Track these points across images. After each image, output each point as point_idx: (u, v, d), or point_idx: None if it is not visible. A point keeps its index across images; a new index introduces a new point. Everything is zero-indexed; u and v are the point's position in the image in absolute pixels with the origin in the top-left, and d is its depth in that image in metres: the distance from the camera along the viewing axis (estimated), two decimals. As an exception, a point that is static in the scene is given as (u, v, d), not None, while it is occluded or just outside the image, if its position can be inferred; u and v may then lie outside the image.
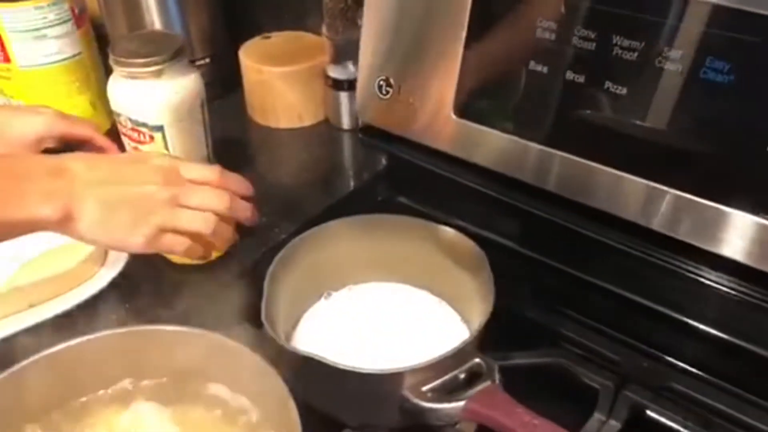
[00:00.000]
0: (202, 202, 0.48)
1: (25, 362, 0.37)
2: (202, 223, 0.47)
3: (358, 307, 0.52)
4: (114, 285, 0.55)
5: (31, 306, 0.52)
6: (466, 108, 0.61)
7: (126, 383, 0.40)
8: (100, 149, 0.59)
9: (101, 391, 0.39)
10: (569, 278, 0.57)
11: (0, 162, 0.45)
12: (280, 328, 0.47)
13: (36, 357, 0.37)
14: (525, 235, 0.60)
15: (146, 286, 0.56)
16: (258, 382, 0.37)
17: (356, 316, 0.51)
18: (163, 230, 0.46)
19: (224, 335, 0.39)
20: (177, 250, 0.48)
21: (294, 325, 0.51)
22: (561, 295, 0.57)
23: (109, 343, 0.38)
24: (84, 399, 0.39)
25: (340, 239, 0.52)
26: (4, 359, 0.41)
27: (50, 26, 0.63)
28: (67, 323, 0.51)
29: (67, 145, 0.58)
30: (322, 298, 0.53)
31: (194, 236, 0.48)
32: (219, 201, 0.48)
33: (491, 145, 0.60)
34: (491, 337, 0.46)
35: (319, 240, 0.51)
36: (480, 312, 0.45)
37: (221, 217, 0.49)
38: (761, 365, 0.51)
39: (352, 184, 0.70)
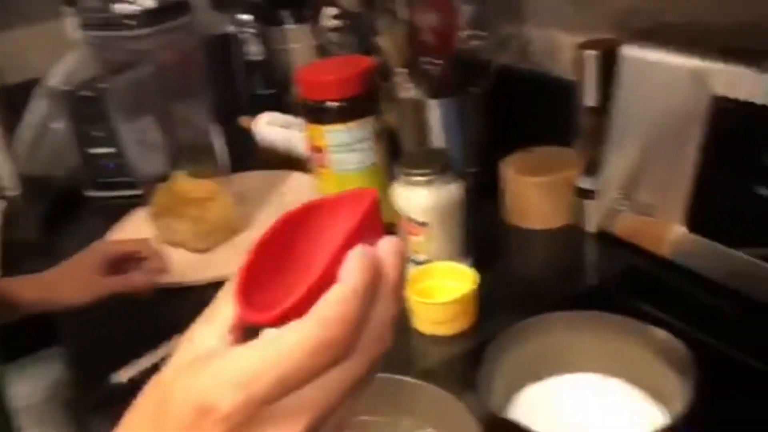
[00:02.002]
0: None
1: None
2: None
3: (571, 394, 0.58)
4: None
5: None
6: (697, 224, 0.65)
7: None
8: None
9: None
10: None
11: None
12: (495, 399, 0.56)
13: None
14: (752, 348, 0.61)
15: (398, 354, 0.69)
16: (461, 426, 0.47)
17: (567, 402, 0.57)
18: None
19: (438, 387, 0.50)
20: None
21: (509, 401, 0.59)
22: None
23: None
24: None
25: (558, 329, 0.59)
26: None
27: (358, 142, 0.83)
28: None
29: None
30: (538, 381, 0.60)
31: None
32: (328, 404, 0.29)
33: (721, 260, 0.63)
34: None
35: (539, 328, 0.59)
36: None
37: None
38: None
39: (589, 283, 0.77)
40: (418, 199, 0.74)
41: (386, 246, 0.31)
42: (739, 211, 0.62)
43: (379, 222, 0.32)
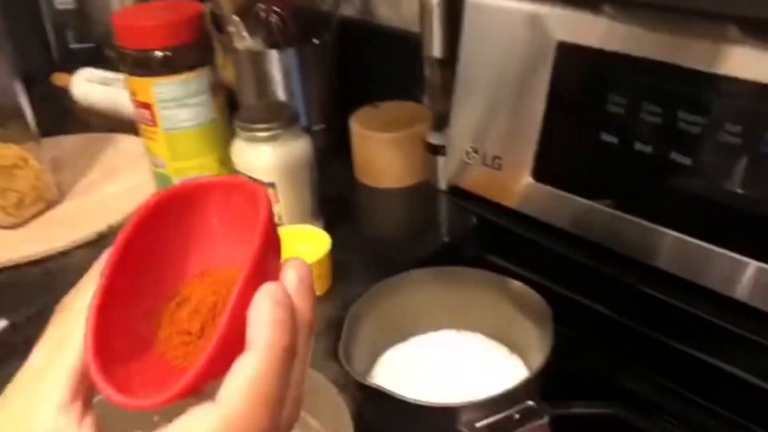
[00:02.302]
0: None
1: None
2: None
3: (432, 352, 0.57)
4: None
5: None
6: (543, 173, 0.65)
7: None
8: None
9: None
10: (642, 337, 0.59)
11: None
12: (357, 366, 0.53)
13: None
14: (599, 293, 0.62)
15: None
16: (329, 407, 0.43)
17: (429, 361, 0.56)
18: None
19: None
20: None
21: (372, 365, 0.56)
22: (633, 352, 0.58)
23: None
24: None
25: (417, 288, 0.57)
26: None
27: (191, 96, 0.75)
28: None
29: None
30: (400, 342, 0.58)
31: None
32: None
33: (566, 207, 0.64)
34: (558, 389, 0.49)
35: (397, 288, 0.57)
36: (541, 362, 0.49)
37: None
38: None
39: (443, 240, 0.76)
40: (262, 157, 0.68)
41: (293, 277, 0.25)
42: (585, 158, 0.62)
43: (277, 238, 0.26)
